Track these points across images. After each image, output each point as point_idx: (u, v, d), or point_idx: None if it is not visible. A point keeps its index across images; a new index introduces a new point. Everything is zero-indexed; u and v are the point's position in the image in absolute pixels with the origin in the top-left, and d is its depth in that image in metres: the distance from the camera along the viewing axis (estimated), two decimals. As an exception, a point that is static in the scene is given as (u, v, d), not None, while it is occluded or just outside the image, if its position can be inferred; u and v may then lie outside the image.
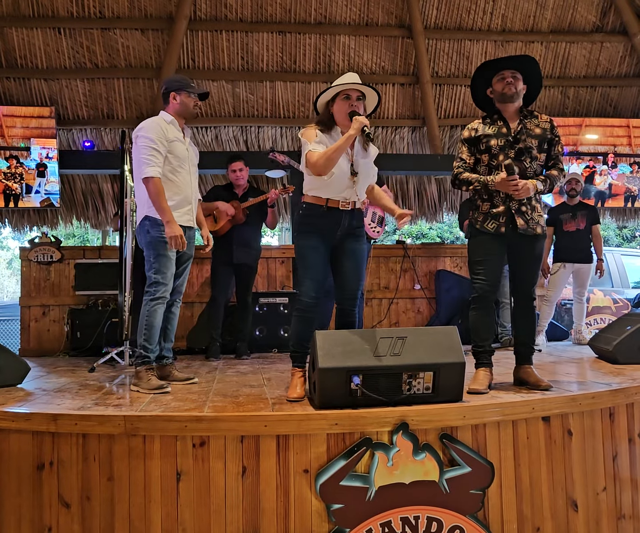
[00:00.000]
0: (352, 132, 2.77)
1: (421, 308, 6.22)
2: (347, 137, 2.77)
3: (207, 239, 3.67)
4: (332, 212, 2.92)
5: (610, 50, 7.37)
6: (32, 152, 6.32)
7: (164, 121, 3.34)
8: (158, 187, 3.21)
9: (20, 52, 6.52)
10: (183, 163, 3.38)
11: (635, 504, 2.87)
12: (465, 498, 2.52)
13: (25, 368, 3.42)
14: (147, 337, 3.25)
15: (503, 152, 3.05)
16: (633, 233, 16.41)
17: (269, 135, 7.01)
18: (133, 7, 6.62)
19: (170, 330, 3.47)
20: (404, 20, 7.05)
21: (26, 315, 5.62)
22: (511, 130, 3.09)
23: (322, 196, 2.92)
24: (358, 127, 2.77)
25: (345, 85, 2.90)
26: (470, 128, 3.18)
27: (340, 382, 2.53)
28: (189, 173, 3.43)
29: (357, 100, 2.89)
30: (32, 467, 2.47)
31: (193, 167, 3.49)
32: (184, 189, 3.39)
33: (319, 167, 2.80)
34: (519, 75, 3.08)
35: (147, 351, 3.25)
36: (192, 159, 3.48)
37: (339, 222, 2.93)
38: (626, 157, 7.26)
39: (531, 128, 3.10)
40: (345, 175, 2.89)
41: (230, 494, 2.43)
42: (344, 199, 2.92)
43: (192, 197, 3.45)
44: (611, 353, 4.03)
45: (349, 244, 2.99)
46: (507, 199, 3.06)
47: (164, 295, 3.29)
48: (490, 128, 3.12)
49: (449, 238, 16.16)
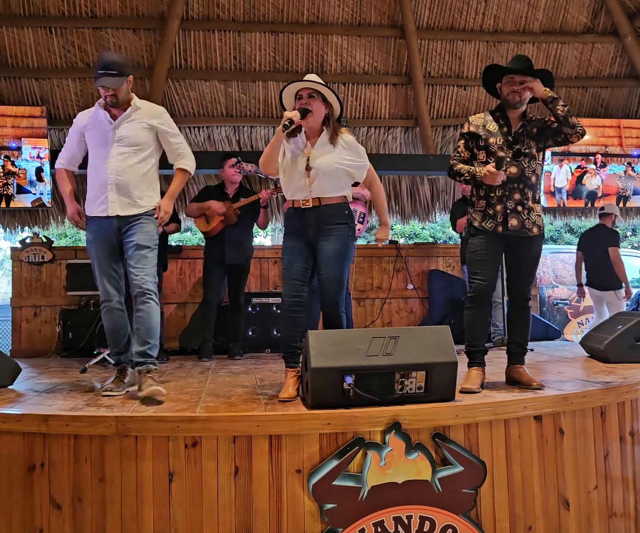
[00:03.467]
0: (278, 128, 2.87)
1: (414, 308, 6.23)
2: (277, 134, 2.90)
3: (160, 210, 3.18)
4: (297, 212, 3.00)
5: (601, 51, 7.40)
6: (23, 152, 6.28)
7: (89, 110, 3.26)
8: (58, 177, 3.31)
9: (10, 52, 6.46)
10: (100, 147, 3.14)
11: (627, 502, 2.88)
12: (457, 498, 2.53)
13: (17, 369, 3.40)
14: (107, 342, 3.23)
15: (501, 151, 3.06)
16: (624, 233, 16.50)
17: (262, 135, 6.99)
18: (125, 6, 6.58)
19: (141, 331, 3.04)
20: (397, 20, 7.05)
21: (17, 315, 5.59)
22: (512, 131, 3.10)
23: (289, 197, 3.05)
24: (282, 122, 2.84)
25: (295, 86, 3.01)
26: (471, 122, 3.18)
27: (332, 382, 2.53)
28: (106, 156, 3.11)
29: (308, 98, 2.97)
30: (23, 469, 2.45)
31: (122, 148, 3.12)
32: (97, 176, 3.15)
33: (262, 165, 3.02)
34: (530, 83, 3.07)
35: (111, 355, 3.28)
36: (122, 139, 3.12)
37: (304, 221, 2.98)
38: (617, 158, 7.30)
39: (530, 130, 3.11)
40: (299, 173, 2.97)
41: (223, 494, 2.43)
42: (304, 197, 2.98)
43: (110, 182, 3.09)
44: (602, 353, 4.05)
45: (322, 244, 2.98)
46: (503, 197, 3.07)
47: (103, 298, 3.13)
48: (492, 125, 3.13)
49: (441, 238, 16.18)
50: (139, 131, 3.17)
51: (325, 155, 2.97)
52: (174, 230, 5.05)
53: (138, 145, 3.16)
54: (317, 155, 2.97)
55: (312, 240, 2.99)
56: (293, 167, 2.98)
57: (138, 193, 3.15)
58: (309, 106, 2.94)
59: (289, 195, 3.04)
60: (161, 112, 3.30)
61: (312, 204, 2.96)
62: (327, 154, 2.98)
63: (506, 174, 3.05)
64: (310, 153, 2.97)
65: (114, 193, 3.10)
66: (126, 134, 3.14)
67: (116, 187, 3.10)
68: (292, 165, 2.98)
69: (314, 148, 2.99)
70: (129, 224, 3.12)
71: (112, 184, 3.10)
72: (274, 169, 3.03)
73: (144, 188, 3.17)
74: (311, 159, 2.96)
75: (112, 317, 3.15)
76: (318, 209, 2.97)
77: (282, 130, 2.84)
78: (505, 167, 3.04)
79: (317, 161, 2.95)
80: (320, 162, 2.95)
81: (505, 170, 3.04)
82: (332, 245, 2.97)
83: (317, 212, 2.97)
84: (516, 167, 3.06)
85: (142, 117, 3.20)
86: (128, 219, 3.13)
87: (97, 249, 3.14)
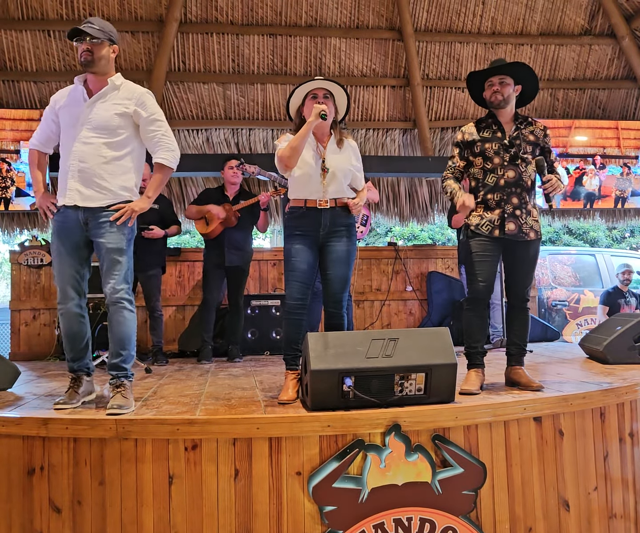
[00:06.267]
0: (312, 119, 2.85)
1: (413, 310, 6.23)
2: (308, 124, 2.86)
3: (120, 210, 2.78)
4: (311, 212, 2.98)
5: (598, 52, 7.43)
6: (21, 155, 6.28)
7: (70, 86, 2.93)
8: (29, 158, 2.95)
9: (9, 55, 6.47)
10: (70, 127, 2.81)
11: (626, 503, 2.88)
12: (457, 499, 2.52)
13: (16, 372, 3.39)
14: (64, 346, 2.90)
15: (498, 156, 3.07)
16: (622, 234, 16.52)
17: (261, 138, 7.00)
18: (123, 9, 6.59)
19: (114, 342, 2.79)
20: (395, 22, 7.06)
21: (16, 319, 5.59)
22: (506, 135, 3.10)
23: (300, 197, 3.00)
24: (317, 113, 2.84)
25: (309, 85, 3.01)
26: (464, 131, 3.19)
27: (332, 384, 2.53)
28: (73, 138, 2.77)
29: (323, 98, 2.98)
30: (23, 472, 2.45)
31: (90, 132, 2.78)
32: (64, 160, 2.81)
33: (285, 159, 2.90)
34: (508, 79, 3.09)
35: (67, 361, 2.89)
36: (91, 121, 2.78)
37: (319, 222, 2.97)
38: (615, 159, 7.31)
39: (526, 134, 3.11)
40: (315, 173, 2.96)
41: (223, 497, 2.42)
42: (320, 197, 2.97)
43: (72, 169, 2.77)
44: (601, 354, 4.05)
45: (333, 244, 3.00)
46: (501, 201, 3.07)
47: (59, 299, 2.80)
48: (486, 132, 3.13)
49: (440, 240, 16.18)
50: (112, 114, 2.79)
51: (337, 156, 3.01)
52: (174, 232, 5.05)
53: (107, 130, 2.78)
54: (331, 156, 2.99)
55: (323, 241, 3.00)
56: (308, 168, 2.97)
57: (102, 182, 2.77)
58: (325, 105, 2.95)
59: (303, 195, 2.99)
60: (141, 93, 2.88)
61: (330, 205, 2.97)
62: (338, 155, 3.01)
63: (504, 178, 3.06)
64: (325, 155, 2.99)
65: (76, 180, 2.75)
66: (97, 115, 2.78)
67: (78, 174, 2.75)
68: (307, 165, 2.97)
69: (327, 150, 3.01)
70: (97, 220, 2.76)
71: (73, 171, 2.75)
72: (296, 163, 2.94)
73: (110, 178, 2.78)
74: (326, 160, 2.97)
75: (69, 321, 2.81)
76: (334, 210, 2.98)
77: (321, 118, 2.83)
78: (503, 171, 3.06)
79: (333, 163, 2.97)
80: (336, 164, 2.98)
81: (502, 174, 3.06)
82: (344, 246, 3.01)
83: (332, 213, 2.98)
84: (514, 171, 3.06)
85: (119, 99, 2.83)
86: (94, 213, 2.76)
87: (59, 242, 2.80)
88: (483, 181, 3.11)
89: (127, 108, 2.83)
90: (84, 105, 2.81)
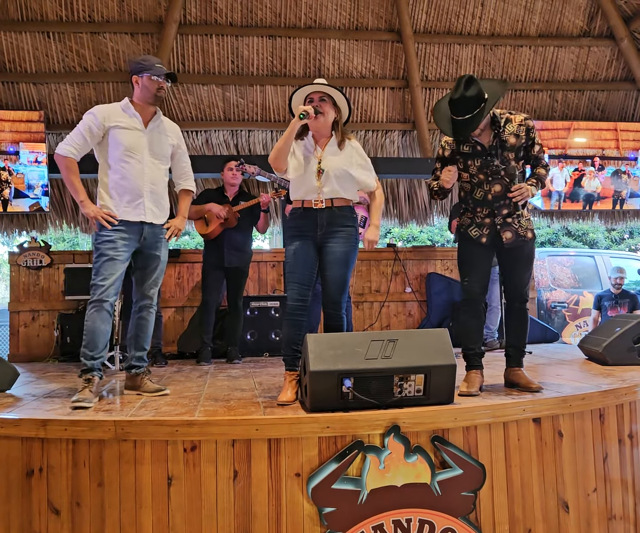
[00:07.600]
0: (294, 119, 2.88)
1: (412, 311, 6.23)
2: (290, 126, 2.90)
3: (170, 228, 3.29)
4: (308, 212, 3.00)
5: (597, 54, 7.44)
6: (21, 157, 6.28)
7: (114, 106, 3.19)
8: (69, 166, 3.09)
9: (8, 56, 6.47)
10: (133, 152, 3.12)
11: (626, 505, 2.88)
12: (457, 501, 2.52)
13: (15, 373, 3.39)
14: (86, 342, 3.05)
15: (482, 172, 3.06)
16: (621, 235, 16.54)
17: (260, 139, 7.01)
18: (123, 11, 6.60)
19: (141, 337, 3.25)
20: (394, 24, 7.07)
21: (15, 320, 5.59)
22: (485, 147, 3.07)
23: (298, 198, 3.04)
24: (297, 114, 2.87)
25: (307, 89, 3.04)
26: (444, 147, 3.18)
27: (331, 385, 2.53)
28: (141, 162, 3.14)
29: (319, 101, 3.01)
30: (21, 473, 2.44)
31: (153, 158, 3.19)
32: (132, 180, 3.12)
33: (271, 160, 2.99)
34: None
35: (87, 358, 3.03)
36: (153, 149, 3.19)
37: (316, 222, 2.99)
38: (614, 160, 7.32)
39: (506, 138, 3.05)
40: (311, 173, 2.99)
41: (222, 499, 2.42)
42: (316, 198, 2.98)
43: (145, 190, 3.15)
44: (601, 355, 4.05)
45: (331, 246, 3.01)
46: (490, 215, 3.07)
47: (100, 298, 3.03)
48: (465, 147, 3.10)
49: (439, 241, 16.20)
50: (167, 144, 3.27)
51: (335, 158, 3.02)
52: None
53: (165, 157, 3.28)
54: (328, 158, 3.00)
55: (320, 241, 3.00)
56: (304, 168, 3.00)
57: (164, 203, 3.28)
58: (322, 108, 2.98)
59: (300, 196, 3.03)
60: (178, 129, 3.40)
61: (325, 205, 2.98)
62: (337, 157, 3.02)
63: (491, 194, 3.06)
64: (322, 156, 3.00)
65: (149, 200, 3.17)
66: (157, 142, 3.21)
67: (151, 195, 3.18)
68: (303, 166, 3.00)
69: (325, 151, 3.02)
70: (155, 235, 3.22)
71: (147, 192, 3.17)
72: (284, 164, 2.98)
73: (166, 199, 3.30)
74: (322, 161, 2.99)
75: (101, 318, 3.05)
76: (330, 210, 3.00)
77: (299, 118, 2.85)
78: (489, 186, 3.06)
79: (329, 164, 2.99)
80: (332, 165, 2.99)
81: (489, 189, 3.06)
82: (341, 247, 3.01)
83: (329, 213, 2.99)
84: (499, 185, 3.05)
85: (167, 131, 3.28)
86: (154, 228, 3.21)
87: (114, 252, 3.06)
88: (471, 195, 3.13)
89: (173, 141, 3.32)
90: (142, 131, 3.17)
